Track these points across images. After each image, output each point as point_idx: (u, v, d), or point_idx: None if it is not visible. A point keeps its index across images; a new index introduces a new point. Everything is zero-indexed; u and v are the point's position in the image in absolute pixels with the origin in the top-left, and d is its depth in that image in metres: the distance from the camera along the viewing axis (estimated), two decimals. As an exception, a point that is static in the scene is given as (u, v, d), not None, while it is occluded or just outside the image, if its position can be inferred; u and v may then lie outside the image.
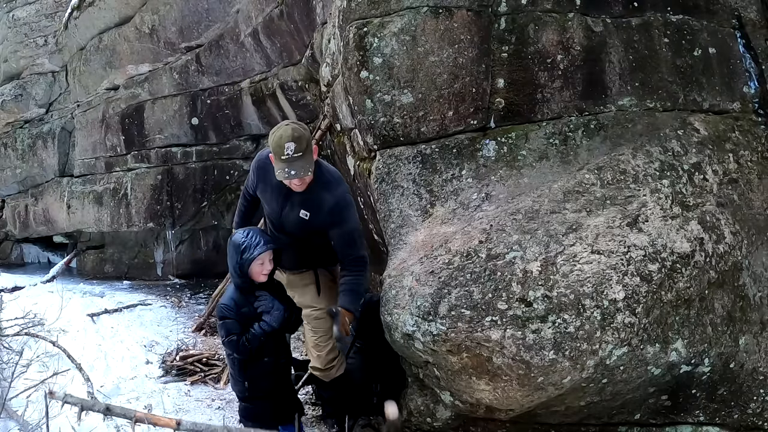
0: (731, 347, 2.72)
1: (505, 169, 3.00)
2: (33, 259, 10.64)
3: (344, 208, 2.89)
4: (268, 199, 3.01)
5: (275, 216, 3.00)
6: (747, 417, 2.81)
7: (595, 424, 2.88)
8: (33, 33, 9.36)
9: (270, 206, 3.02)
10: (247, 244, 2.78)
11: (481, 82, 3.07)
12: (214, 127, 7.62)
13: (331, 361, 3.17)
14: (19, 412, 3.50)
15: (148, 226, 8.13)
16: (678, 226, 2.70)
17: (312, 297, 3.13)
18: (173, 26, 7.36)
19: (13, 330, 4.63)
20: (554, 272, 2.53)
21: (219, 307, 2.91)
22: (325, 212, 2.86)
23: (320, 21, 5.19)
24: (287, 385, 3.15)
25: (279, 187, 2.87)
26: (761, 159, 3.11)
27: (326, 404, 3.40)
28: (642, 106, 3.10)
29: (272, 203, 2.98)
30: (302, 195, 2.86)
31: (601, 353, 2.45)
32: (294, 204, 2.89)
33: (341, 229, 2.88)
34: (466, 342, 2.49)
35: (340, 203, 2.87)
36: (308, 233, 2.94)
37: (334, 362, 3.19)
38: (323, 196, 2.86)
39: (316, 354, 3.18)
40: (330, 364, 3.18)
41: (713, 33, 3.28)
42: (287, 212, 2.93)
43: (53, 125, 9.51)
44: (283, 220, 2.95)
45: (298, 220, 2.89)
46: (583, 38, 3.13)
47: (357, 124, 3.37)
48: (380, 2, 3.14)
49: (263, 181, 3.00)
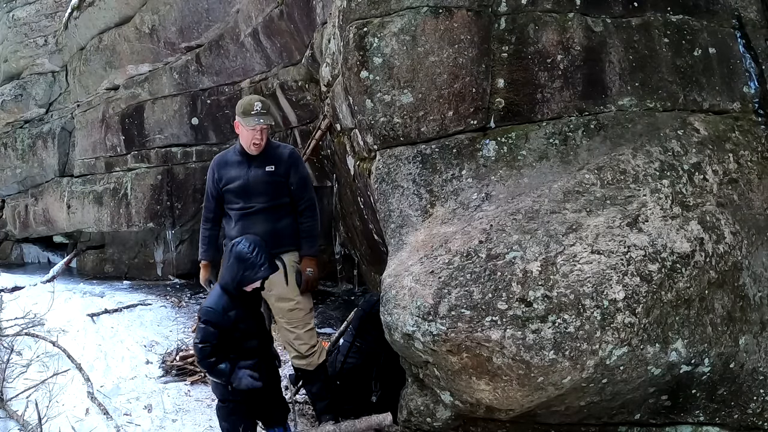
0: (731, 347, 2.72)
1: (505, 169, 3.00)
2: (33, 259, 10.65)
3: (298, 157, 3.55)
4: (234, 176, 3.37)
5: (243, 183, 3.34)
6: (747, 417, 2.81)
7: (595, 424, 2.88)
8: (33, 33, 9.36)
9: (236, 180, 3.36)
10: (252, 261, 2.80)
11: (481, 82, 3.07)
12: (214, 127, 7.62)
13: (312, 347, 3.38)
14: (19, 412, 3.51)
15: (148, 226, 8.14)
16: (678, 226, 2.70)
17: (282, 288, 3.31)
18: (173, 26, 7.36)
19: (13, 330, 4.64)
20: (554, 272, 2.53)
21: (204, 310, 2.87)
22: (286, 161, 3.41)
23: (320, 21, 5.19)
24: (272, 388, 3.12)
25: (239, 162, 3.39)
26: (761, 159, 3.11)
27: (316, 400, 3.44)
28: (642, 106, 3.10)
29: (239, 174, 3.36)
30: (262, 156, 3.36)
31: (601, 353, 2.45)
32: (257, 165, 3.36)
33: (299, 174, 3.44)
34: (466, 342, 2.49)
35: (294, 153, 3.51)
36: (276, 188, 3.36)
37: (315, 348, 3.39)
38: (280, 151, 3.46)
39: (297, 344, 3.36)
40: (311, 350, 3.37)
41: (713, 33, 3.28)
42: (254, 173, 3.35)
43: (53, 125, 9.52)
44: (251, 182, 3.34)
45: (265, 175, 3.34)
46: (583, 38, 3.13)
47: (357, 124, 3.37)
48: (380, 2, 3.14)
49: (224, 168, 3.42)
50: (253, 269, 2.80)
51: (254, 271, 2.80)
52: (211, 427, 3.55)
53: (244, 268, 2.80)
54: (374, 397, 3.49)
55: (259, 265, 2.80)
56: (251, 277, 2.81)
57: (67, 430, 3.41)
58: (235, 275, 2.83)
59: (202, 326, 2.83)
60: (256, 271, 2.80)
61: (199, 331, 2.85)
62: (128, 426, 3.60)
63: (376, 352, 3.47)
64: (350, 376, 3.56)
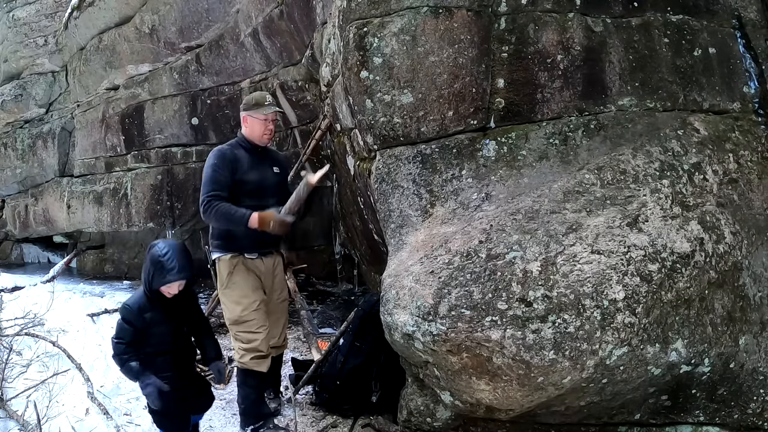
0: (731, 347, 2.72)
1: (505, 169, 3.00)
2: (33, 259, 10.65)
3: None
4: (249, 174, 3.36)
5: (259, 182, 3.38)
6: (747, 417, 2.81)
7: (595, 424, 2.88)
8: (33, 33, 9.36)
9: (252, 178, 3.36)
10: (162, 265, 2.78)
11: (481, 82, 3.08)
12: (214, 127, 7.62)
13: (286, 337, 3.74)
14: (19, 412, 3.51)
15: (148, 226, 8.13)
16: (678, 226, 2.70)
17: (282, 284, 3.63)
18: (173, 26, 7.36)
19: (13, 330, 4.64)
20: (554, 272, 2.53)
21: (123, 307, 2.87)
22: (285, 164, 3.72)
23: (320, 21, 5.19)
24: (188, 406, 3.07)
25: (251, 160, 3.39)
26: (761, 159, 3.11)
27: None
28: (642, 106, 3.10)
29: (254, 173, 3.38)
30: (269, 157, 3.52)
31: (601, 353, 2.45)
32: (268, 165, 3.47)
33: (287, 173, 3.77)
34: (466, 342, 2.49)
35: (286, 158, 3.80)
36: (282, 189, 3.48)
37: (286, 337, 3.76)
38: (278, 155, 3.77)
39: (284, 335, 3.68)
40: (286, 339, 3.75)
41: (713, 33, 3.28)
42: (268, 174, 3.45)
43: (53, 125, 9.52)
44: (266, 183, 3.41)
45: (275, 176, 3.48)
46: (583, 38, 3.13)
47: (357, 124, 3.37)
48: (380, 2, 3.14)
49: (237, 164, 3.35)
50: (162, 273, 2.77)
51: (162, 275, 2.77)
52: (211, 427, 3.55)
53: (153, 270, 2.79)
54: (374, 397, 3.49)
55: (169, 269, 2.77)
56: (160, 280, 2.79)
57: (67, 430, 3.41)
58: (146, 276, 2.83)
59: (119, 322, 2.85)
60: (164, 276, 2.77)
61: (117, 326, 2.86)
62: (128, 426, 3.60)
63: (376, 352, 3.47)
64: (350, 376, 3.56)
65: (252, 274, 3.38)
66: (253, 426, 3.32)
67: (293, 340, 5.23)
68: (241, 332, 3.32)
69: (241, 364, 3.33)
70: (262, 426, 3.33)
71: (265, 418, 3.37)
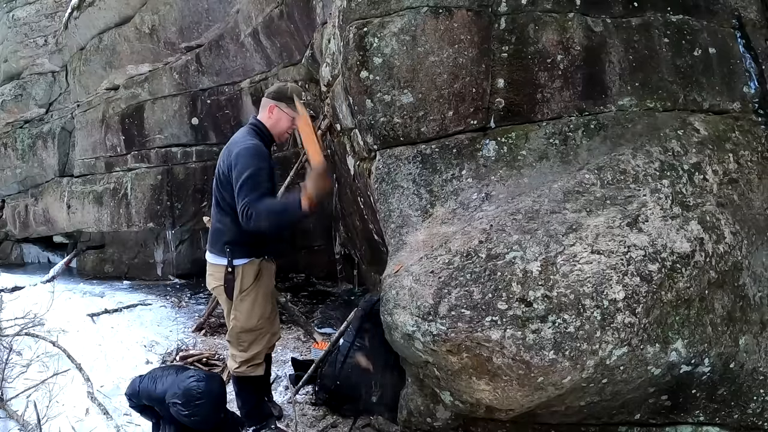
0: (731, 347, 2.72)
1: (505, 169, 3.00)
2: (33, 259, 10.64)
3: None
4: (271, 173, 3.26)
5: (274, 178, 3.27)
6: (747, 417, 2.81)
7: (595, 424, 2.88)
8: (33, 33, 9.35)
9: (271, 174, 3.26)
10: (189, 404, 2.85)
11: (481, 82, 3.07)
12: (214, 127, 7.62)
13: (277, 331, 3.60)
14: (19, 412, 3.51)
15: (148, 226, 8.13)
16: (678, 226, 2.70)
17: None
18: (173, 26, 7.36)
19: (13, 330, 4.63)
20: (554, 272, 2.53)
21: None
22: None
23: (320, 21, 5.19)
24: None
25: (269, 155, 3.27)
26: (761, 159, 3.11)
27: None
28: (642, 106, 3.10)
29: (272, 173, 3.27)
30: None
31: (601, 353, 2.45)
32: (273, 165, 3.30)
33: None
34: (466, 342, 2.49)
35: None
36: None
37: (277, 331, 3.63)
38: None
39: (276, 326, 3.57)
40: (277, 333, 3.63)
41: (713, 33, 3.28)
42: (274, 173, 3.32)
43: (53, 125, 9.51)
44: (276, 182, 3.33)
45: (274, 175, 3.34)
46: (583, 38, 3.13)
47: (357, 124, 3.37)
48: (380, 2, 3.14)
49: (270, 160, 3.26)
50: (185, 412, 2.86)
51: (185, 415, 2.86)
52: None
53: (180, 402, 2.87)
54: (374, 397, 3.49)
55: (191, 415, 2.86)
56: (180, 415, 2.87)
57: (67, 430, 3.41)
58: (170, 398, 2.90)
59: None
60: (186, 417, 2.85)
61: None
62: (128, 426, 3.61)
63: (376, 352, 3.47)
64: (350, 376, 3.56)
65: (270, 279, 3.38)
66: (255, 426, 3.31)
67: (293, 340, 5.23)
68: (247, 341, 3.28)
69: (237, 373, 3.30)
70: (264, 426, 3.32)
71: (267, 418, 3.37)
